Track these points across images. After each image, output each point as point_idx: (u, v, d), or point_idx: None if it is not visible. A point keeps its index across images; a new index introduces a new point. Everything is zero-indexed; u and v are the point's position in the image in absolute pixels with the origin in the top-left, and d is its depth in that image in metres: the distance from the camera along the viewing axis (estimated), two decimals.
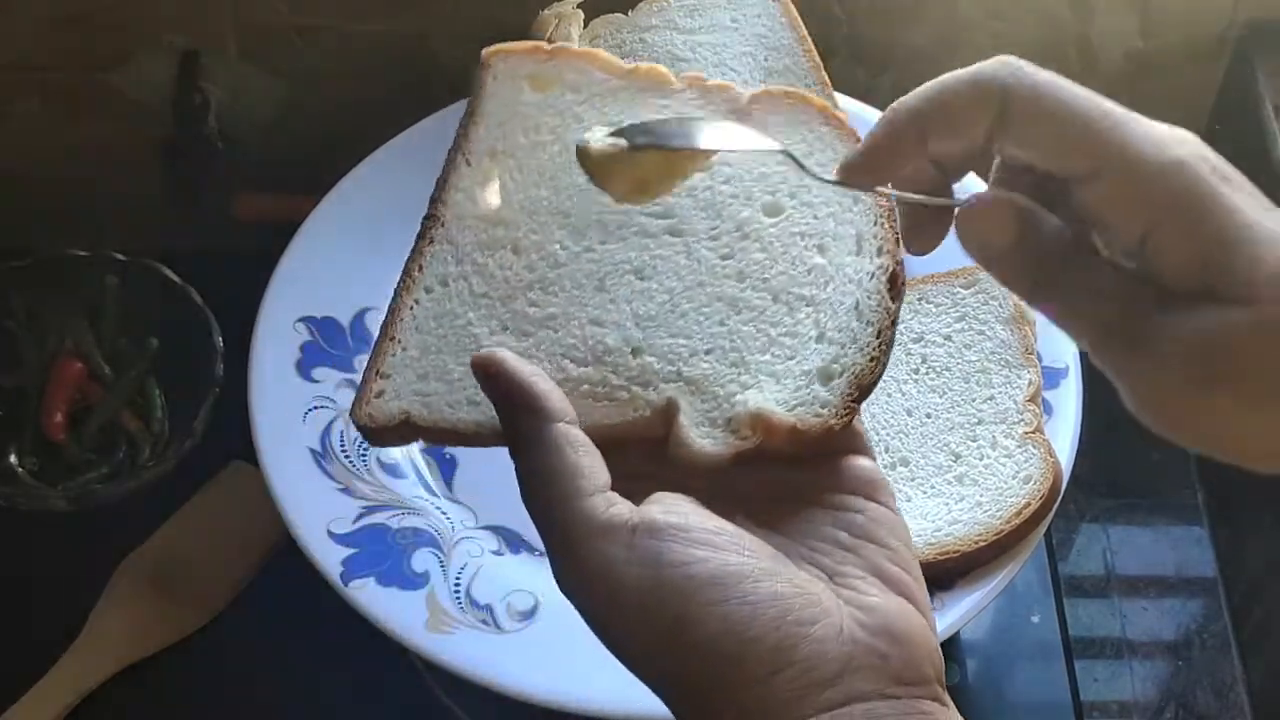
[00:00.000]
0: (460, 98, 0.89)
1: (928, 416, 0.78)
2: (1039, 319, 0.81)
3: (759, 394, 0.53)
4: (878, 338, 0.54)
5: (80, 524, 0.89)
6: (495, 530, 0.76)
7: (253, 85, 1.00)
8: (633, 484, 0.51)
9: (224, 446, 0.89)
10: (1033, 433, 0.77)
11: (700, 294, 0.55)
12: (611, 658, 0.70)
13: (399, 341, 0.55)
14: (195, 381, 0.90)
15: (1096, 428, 0.80)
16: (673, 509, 0.48)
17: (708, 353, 0.54)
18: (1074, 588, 0.93)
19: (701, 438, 0.52)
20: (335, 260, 0.83)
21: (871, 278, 0.55)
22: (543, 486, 0.49)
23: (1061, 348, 0.81)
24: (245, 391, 0.78)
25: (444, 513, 0.76)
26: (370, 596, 0.72)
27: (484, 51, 0.60)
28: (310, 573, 0.72)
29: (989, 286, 0.82)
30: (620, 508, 0.48)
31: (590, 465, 0.49)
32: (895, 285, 0.54)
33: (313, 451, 0.76)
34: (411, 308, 0.56)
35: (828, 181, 0.54)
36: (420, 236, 0.57)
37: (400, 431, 0.54)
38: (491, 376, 0.51)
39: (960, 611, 0.72)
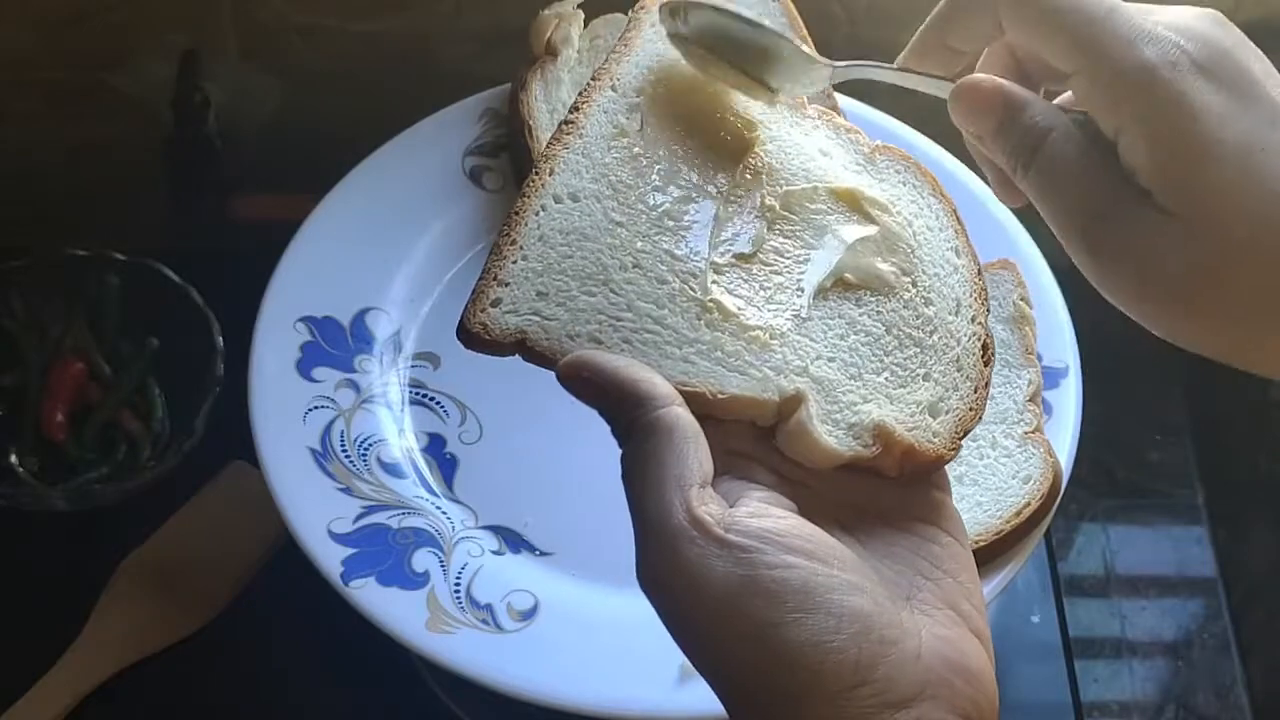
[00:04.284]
0: (460, 98, 0.89)
1: None
2: (1039, 320, 0.81)
3: (879, 408, 0.53)
4: (974, 393, 0.55)
5: (80, 524, 0.89)
6: (495, 530, 0.76)
7: (253, 85, 1.00)
8: (734, 463, 0.51)
9: (224, 446, 0.89)
10: (1033, 433, 0.77)
11: (823, 305, 0.55)
12: (609, 658, 0.70)
13: (520, 247, 0.54)
14: (195, 381, 0.90)
15: (1096, 428, 0.80)
16: (769, 513, 0.48)
17: (830, 360, 0.54)
18: (1074, 588, 0.93)
19: (826, 434, 0.52)
20: (335, 260, 0.83)
21: (969, 338, 0.56)
22: (644, 471, 0.48)
23: (1062, 348, 0.81)
24: (245, 391, 0.78)
25: (444, 513, 0.76)
26: (370, 596, 0.72)
27: None
28: (310, 573, 0.72)
29: (989, 287, 0.82)
30: (716, 506, 0.48)
31: (696, 455, 0.49)
32: (986, 353, 0.56)
33: (313, 451, 0.76)
34: (538, 213, 0.54)
35: (894, 69, 0.58)
36: (554, 139, 0.56)
37: (510, 349, 0.53)
38: (585, 380, 0.50)
39: None
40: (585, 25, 0.89)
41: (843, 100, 0.86)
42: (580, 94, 0.58)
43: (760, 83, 0.59)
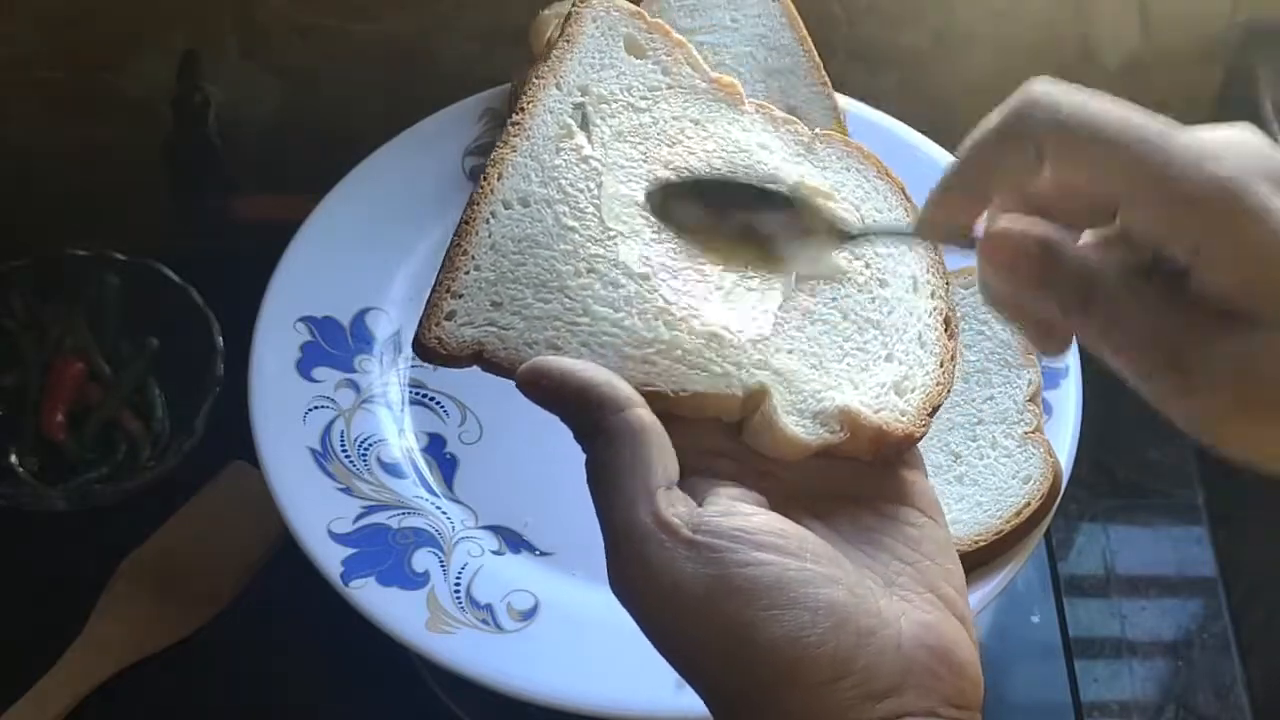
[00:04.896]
0: (460, 98, 0.89)
1: None
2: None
3: (844, 394, 0.53)
4: (940, 367, 0.55)
5: (80, 524, 0.89)
6: (495, 530, 0.76)
7: (253, 85, 1.00)
8: (702, 460, 0.50)
9: (224, 446, 0.89)
10: (1033, 433, 0.77)
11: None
12: (609, 658, 0.70)
13: (472, 258, 0.53)
14: (195, 381, 0.90)
15: (1096, 428, 0.80)
16: (737, 510, 0.48)
17: (790, 352, 0.54)
18: (1074, 588, 0.93)
19: (792, 425, 0.52)
20: (335, 260, 0.83)
21: (929, 314, 0.56)
22: (609, 477, 0.48)
23: None
24: (245, 391, 0.78)
25: (444, 513, 0.76)
26: (370, 596, 0.72)
27: None
28: (310, 573, 0.72)
29: None
30: (683, 507, 0.47)
31: (659, 458, 0.48)
32: (949, 326, 0.56)
33: (313, 451, 0.76)
34: (488, 220, 0.54)
35: (911, 234, 0.55)
36: (501, 142, 0.56)
37: (468, 361, 0.52)
38: (543, 387, 0.50)
39: None
40: None
41: (843, 100, 0.87)
42: (525, 94, 0.57)
43: (764, 252, 0.56)
